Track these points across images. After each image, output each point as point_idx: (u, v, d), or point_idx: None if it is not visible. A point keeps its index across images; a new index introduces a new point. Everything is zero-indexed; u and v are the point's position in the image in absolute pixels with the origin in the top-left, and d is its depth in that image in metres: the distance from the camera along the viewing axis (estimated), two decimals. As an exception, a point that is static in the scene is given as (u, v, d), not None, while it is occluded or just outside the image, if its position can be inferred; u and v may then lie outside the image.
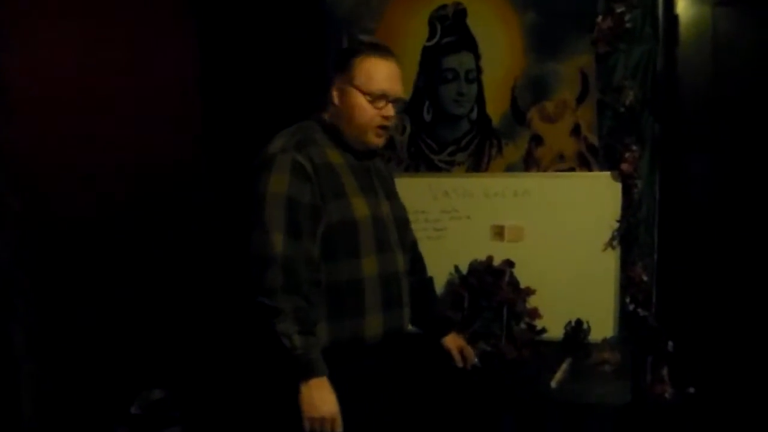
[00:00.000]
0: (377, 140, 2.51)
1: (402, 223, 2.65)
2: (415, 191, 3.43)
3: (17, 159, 2.92)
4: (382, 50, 2.53)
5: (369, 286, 2.43)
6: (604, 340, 3.19)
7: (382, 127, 2.50)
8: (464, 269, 3.33)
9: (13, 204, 2.91)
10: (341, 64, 2.52)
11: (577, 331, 3.23)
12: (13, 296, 2.90)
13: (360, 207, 2.45)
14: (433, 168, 3.56)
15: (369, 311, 2.43)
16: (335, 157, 2.48)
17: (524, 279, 3.28)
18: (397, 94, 2.50)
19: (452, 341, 2.85)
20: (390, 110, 2.49)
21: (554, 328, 3.24)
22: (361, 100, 2.46)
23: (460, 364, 2.83)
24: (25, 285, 2.94)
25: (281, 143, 2.42)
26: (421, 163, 3.58)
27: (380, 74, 2.47)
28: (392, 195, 2.68)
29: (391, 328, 2.49)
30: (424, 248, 2.94)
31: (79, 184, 3.19)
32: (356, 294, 2.42)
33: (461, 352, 2.84)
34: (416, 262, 2.84)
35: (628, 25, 3.19)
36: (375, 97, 2.45)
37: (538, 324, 3.25)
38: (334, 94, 2.50)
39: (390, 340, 2.51)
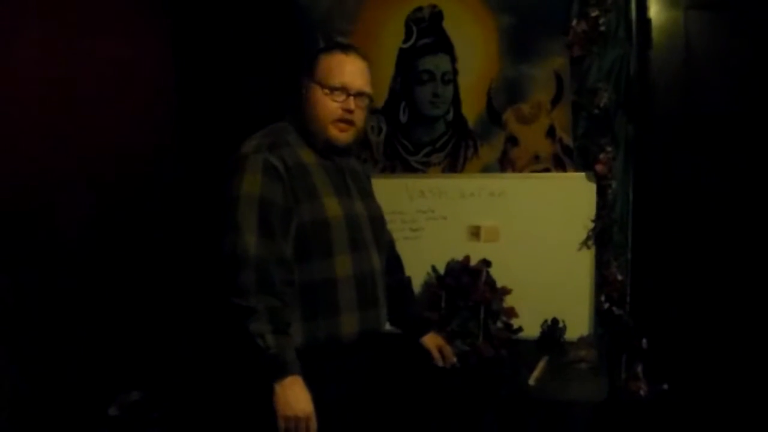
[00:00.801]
0: (340, 135, 2.50)
1: (377, 222, 2.65)
2: (392, 192, 3.44)
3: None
4: (347, 47, 2.56)
5: (343, 285, 2.43)
6: (581, 338, 3.22)
7: (344, 121, 2.49)
8: (441, 269, 3.36)
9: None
10: (309, 63, 2.54)
11: (553, 329, 3.27)
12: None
13: (332, 207, 2.45)
14: (409, 169, 3.59)
15: (344, 310, 2.42)
16: (308, 157, 2.48)
17: (501, 278, 3.31)
18: (358, 87, 2.49)
19: (431, 340, 2.86)
20: (351, 104, 2.48)
21: (531, 327, 3.28)
22: (320, 94, 2.47)
23: (440, 363, 2.84)
24: (1, 286, 2.91)
25: (254, 145, 2.42)
26: (397, 163, 3.60)
27: (341, 68, 2.48)
28: (367, 194, 2.67)
29: (367, 328, 2.48)
30: (401, 249, 2.94)
31: (55, 186, 3.16)
32: (330, 293, 2.41)
33: (440, 350, 2.85)
34: (393, 261, 2.84)
35: (602, 28, 3.23)
36: (333, 90, 2.46)
37: (515, 323, 3.28)
38: (303, 92, 2.52)
39: (367, 340, 2.50)
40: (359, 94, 2.50)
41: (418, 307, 3.10)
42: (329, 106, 2.47)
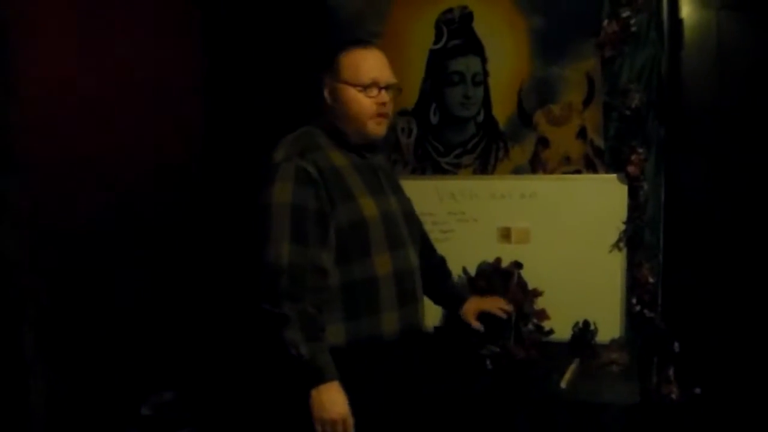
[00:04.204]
0: (378, 129, 2.54)
1: (411, 217, 2.69)
2: (422, 193, 3.41)
3: (27, 160, 2.92)
4: (363, 42, 2.60)
5: (383, 283, 2.46)
6: (612, 341, 3.22)
7: (380, 115, 2.53)
8: (472, 271, 3.35)
9: (23, 205, 2.91)
10: (327, 64, 2.55)
11: (584, 332, 3.24)
12: (23, 298, 2.90)
13: (368, 207, 2.47)
14: (440, 170, 3.58)
15: (384, 309, 2.45)
16: (339, 159, 2.50)
17: (532, 281, 3.29)
18: (388, 80, 2.54)
19: (468, 310, 2.92)
20: (384, 97, 2.52)
21: (562, 329, 3.26)
22: (353, 93, 2.49)
23: (503, 316, 2.96)
24: (36, 286, 2.94)
25: (284, 152, 2.44)
26: (428, 165, 3.60)
27: (367, 63, 2.51)
28: (398, 190, 2.71)
29: (407, 325, 2.51)
30: (432, 250, 2.96)
31: (89, 186, 3.19)
32: (371, 292, 2.44)
33: (479, 314, 2.92)
34: (426, 243, 2.89)
35: (633, 29, 3.21)
36: (366, 86, 2.49)
37: (546, 325, 3.26)
38: (326, 94, 2.53)
39: (407, 338, 2.53)
40: (388, 86, 2.54)
41: (455, 284, 3.10)
42: (365, 103, 2.50)
